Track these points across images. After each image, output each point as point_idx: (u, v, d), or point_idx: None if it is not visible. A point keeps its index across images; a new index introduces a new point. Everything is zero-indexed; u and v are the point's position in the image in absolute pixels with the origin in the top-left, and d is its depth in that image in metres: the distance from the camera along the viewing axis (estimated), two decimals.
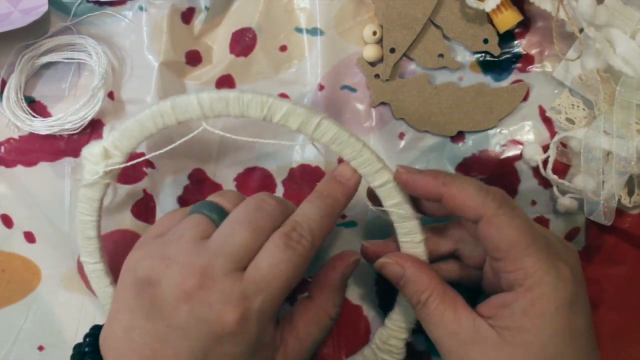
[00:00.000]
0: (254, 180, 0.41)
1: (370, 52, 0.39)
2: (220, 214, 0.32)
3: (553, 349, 0.29)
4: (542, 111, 0.40)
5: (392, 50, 0.39)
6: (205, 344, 0.28)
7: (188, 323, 0.28)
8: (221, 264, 0.29)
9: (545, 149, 0.38)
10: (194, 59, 0.41)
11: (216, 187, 0.41)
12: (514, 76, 0.40)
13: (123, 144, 0.33)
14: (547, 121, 0.40)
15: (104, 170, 0.34)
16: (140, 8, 0.40)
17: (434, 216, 0.34)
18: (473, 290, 0.35)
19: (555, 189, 0.38)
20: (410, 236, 0.33)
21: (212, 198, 0.33)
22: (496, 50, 0.39)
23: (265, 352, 0.30)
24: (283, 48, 0.41)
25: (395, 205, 0.32)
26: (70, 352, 0.31)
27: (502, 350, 0.29)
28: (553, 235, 0.33)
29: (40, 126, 0.40)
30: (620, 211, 0.39)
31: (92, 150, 0.34)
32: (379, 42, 0.40)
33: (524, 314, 0.29)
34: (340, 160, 0.35)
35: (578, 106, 0.39)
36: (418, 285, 0.32)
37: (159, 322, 0.28)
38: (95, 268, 0.37)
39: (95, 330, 0.31)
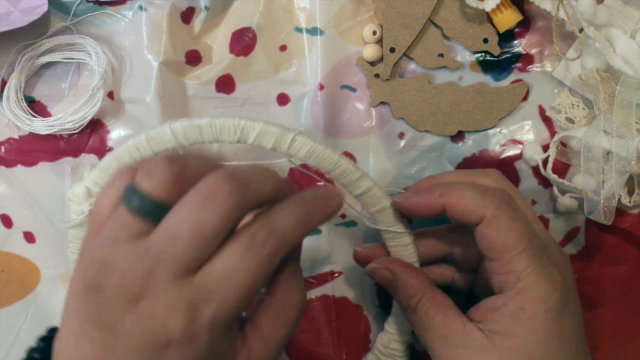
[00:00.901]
0: None
1: (370, 51, 0.39)
2: (150, 208, 0.25)
3: (541, 353, 0.29)
4: (542, 111, 0.40)
5: (392, 50, 0.39)
6: (152, 356, 0.25)
7: (133, 335, 0.25)
8: (164, 270, 0.25)
9: (545, 148, 0.38)
10: (193, 58, 0.41)
11: None
12: (513, 76, 0.40)
13: (104, 181, 0.33)
14: (547, 121, 0.40)
15: (89, 209, 0.34)
16: (140, 8, 0.40)
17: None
18: (467, 295, 0.35)
19: (555, 188, 0.38)
20: (397, 240, 0.33)
21: (140, 181, 0.26)
22: (496, 50, 0.39)
23: None
24: (283, 48, 0.41)
25: (379, 211, 0.33)
26: None
27: (491, 355, 0.29)
28: (549, 238, 0.33)
29: (40, 126, 0.40)
30: (620, 211, 0.39)
31: (75, 191, 0.34)
32: (379, 41, 0.40)
33: (513, 318, 0.29)
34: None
35: (578, 106, 0.39)
36: (407, 290, 0.32)
37: (105, 332, 0.25)
38: None
39: (52, 334, 0.29)
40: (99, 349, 0.26)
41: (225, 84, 0.41)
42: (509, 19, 0.38)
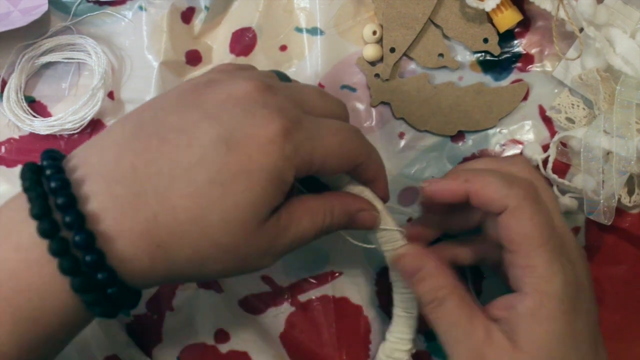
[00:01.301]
0: None
1: (370, 51, 0.39)
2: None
3: (558, 353, 0.29)
4: (542, 111, 0.40)
5: (392, 50, 0.39)
6: (233, 137, 0.25)
7: (230, 114, 0.26)
8: (287, 93, 0.28)
9: (545, 148, 0.38)
10: (194, 58, 0.41)
11: None
12: (513, 76, 0.40)
13: None
14: (547, 121, 0.40)
15: None
16: (140, 8, 0.40)
17: (457, 231, 0.34)
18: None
19: (555, 188, 0.38)
20: (392, 244, 0.32)
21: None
22: (496, 50, 0.39)
23: (265, 215, 0.27)
24: (283, 48, 0.41)
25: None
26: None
27: (513, 356, 0.29)
28: (569, 233, 0.32)
29: (41, 126, 0.40)
30: (621, 211, 0.39)
31: None
32: (379, 41, 0.40)
33: (531, 316, 0.29)
34: None
35: (578, 106, 0.39)
36: (438, 281, 0.31)
37: (191, 111, 0.26)
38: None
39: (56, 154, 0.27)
40: (167, 127, 0.26)
41: None
42: (509, 18, 0.38)
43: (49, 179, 0.25)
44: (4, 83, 0.40)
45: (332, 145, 0.28)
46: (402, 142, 0.40)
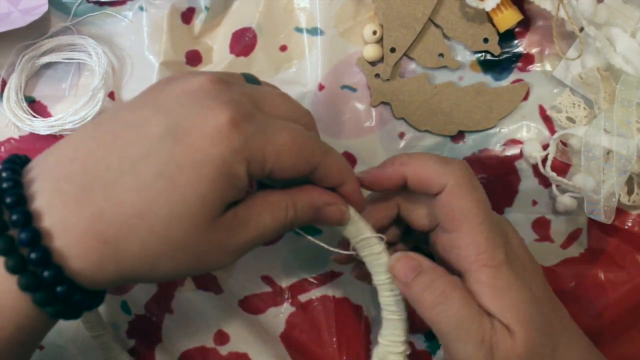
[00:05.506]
0: None
1: (371, 51, 0.39)
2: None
3: (532, 314, 0.29)
4: (542, 110, 0.40)
5: (393, 50, 0.39)
6: (180, 129, 0.25)
7: (181, 106, 0.26)
8: (243, 89, 0.28)
9: (545, 148, 0.38)
10: (194, 58, 0.41)
11: None
12: (514, 75, 0.40)
13: None
14: (548, 120, 0.39)
15: None
16: (141, 8, 0.40)
17: (424, 230, 0.33)
18: None
19: (554, 187, 0.38)
20: (369, 249, 0.31)
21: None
22: (496, 50, 0.39)
23: (219, 210, 0.26)
24: (283, 48, 0.41)
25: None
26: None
27: (510, 338, 0.29)
28: (497, 215, 0.33)
29: (41, 126, 0.40)
30: (622, 212, 0.38)
31: None
32: (379, 41, 0.40)
33: (494, 292, 0.29)
34: None
35: (579, 105, 0.39)
36: (439, 281, 0.30)
37: (146, 107, 0.26)
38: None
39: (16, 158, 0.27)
40: (121, 124, 0.26)
41: None
42: (509, 18, 0.38)
43: (2, 181, 0.25)
44: (4, 83, 0.40)
45: (284, 141, 0.27)
46: (403, 142, 0.40)
